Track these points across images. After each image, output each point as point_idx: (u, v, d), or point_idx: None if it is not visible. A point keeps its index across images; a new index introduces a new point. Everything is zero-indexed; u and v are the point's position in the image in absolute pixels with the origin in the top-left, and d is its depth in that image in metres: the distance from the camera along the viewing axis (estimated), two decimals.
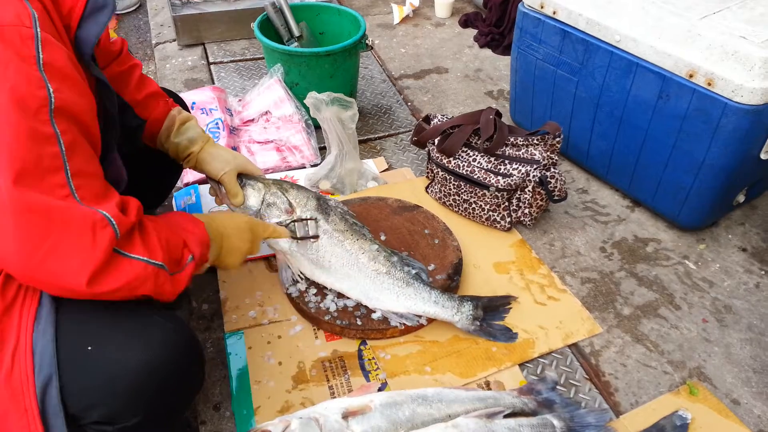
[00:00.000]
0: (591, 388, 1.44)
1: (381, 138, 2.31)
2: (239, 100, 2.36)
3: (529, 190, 1.78)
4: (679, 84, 1.66)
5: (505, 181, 1.75)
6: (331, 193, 1.95)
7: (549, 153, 1.77)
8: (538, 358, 1.49)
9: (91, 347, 0.98)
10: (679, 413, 1.35)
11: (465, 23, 3.18)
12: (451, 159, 1.84)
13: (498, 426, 1.21)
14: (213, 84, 2.58)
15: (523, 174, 1.75)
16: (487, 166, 1.81)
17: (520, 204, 1.82)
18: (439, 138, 1.87)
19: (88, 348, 0.98)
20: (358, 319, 1.50)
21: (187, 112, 1.51)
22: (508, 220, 1.82)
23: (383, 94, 2.60)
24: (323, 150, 2.07)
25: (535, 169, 1.75)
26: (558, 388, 1.40)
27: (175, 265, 1.08)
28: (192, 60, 2.79)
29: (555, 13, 1.95)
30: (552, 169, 1.78)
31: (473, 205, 1.84)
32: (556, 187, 1.77)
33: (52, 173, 0.91)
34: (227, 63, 2.77)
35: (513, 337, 1.51)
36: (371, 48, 2.24)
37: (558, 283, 1.70)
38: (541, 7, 1.99)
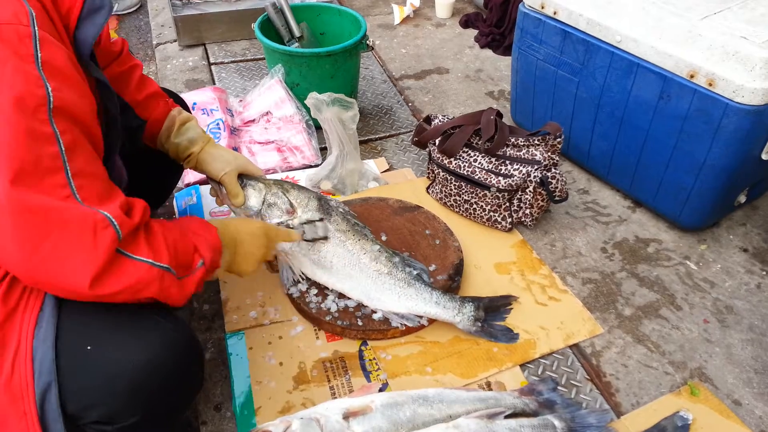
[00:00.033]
0: (592, 389, 1.44)
1: (382, 138, 2.31)
2: (240, 101, 2.36)
3: (530, 191, 1.78)
4: (680, 84, 1.66)
5: (506, 182, 1.75)
6: (332, 194, 1.95)
7: (550, 153, 1.77)
8: (539, 358, 1.49)
9: (91, 347, 0.98)
10: (680, 414, 1.35)
11: (466, 24, 3.18)
12: (452, 159, 1.84)
13: (499, 426, 1.20)
14: (214, 84, 2.58)
15: (524, 174, 1.75)
16: (488, 166, 1.81)
17: (521, 204, 1.81)
18: (439, 138, 1.87)
19: (88, 348, 0.98)
20: (359, 320, 1.50)
21: (188, 113, 1.51)
22: (509, 220, 1.82)
23: (384, 94, 2.59)
24: (324, 150, 2.07)
25: (536, 169, 1.75)
26: (559, 388, 1.40)
27: (184, 269, 1.06)
28: (193, 60, 2.79)
29: (555, 13, 1.95)
30: (553, 170, 1.78)
31: (474, 206, 1.84)
32: (557, 187, 1.77)
33: (52, 173, 0.90)
34: (228, 63, 2.77)
35: (514, 338, 1.51)
36: (372, 48, 2.24)
37: (559, 284, 1.69)
38: (542, 8, 1.99)
